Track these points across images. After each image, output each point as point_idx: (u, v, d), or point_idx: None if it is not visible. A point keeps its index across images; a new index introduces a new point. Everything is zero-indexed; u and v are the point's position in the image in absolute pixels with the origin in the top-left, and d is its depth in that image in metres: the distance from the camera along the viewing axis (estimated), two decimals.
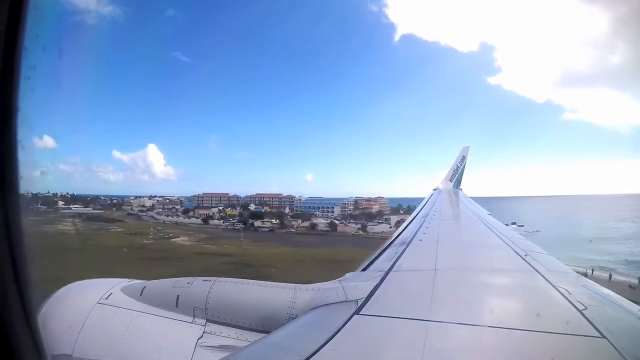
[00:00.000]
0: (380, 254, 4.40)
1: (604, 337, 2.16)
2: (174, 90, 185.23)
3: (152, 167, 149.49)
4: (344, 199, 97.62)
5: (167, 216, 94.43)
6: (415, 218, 7.40)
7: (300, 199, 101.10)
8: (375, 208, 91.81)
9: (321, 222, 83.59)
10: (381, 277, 3.33)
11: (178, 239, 67.89)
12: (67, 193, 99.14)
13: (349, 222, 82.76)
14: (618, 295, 3.00)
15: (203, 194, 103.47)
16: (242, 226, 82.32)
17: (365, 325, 2.48)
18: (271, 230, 80.00)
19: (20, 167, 1.36)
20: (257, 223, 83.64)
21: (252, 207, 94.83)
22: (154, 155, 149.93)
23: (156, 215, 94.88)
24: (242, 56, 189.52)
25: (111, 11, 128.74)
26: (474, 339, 2.31)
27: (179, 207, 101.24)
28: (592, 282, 3.35)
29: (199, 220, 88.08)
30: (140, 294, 3.26)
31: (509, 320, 2.61)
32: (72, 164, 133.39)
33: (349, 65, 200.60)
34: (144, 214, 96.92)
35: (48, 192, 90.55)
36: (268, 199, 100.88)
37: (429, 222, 6.71)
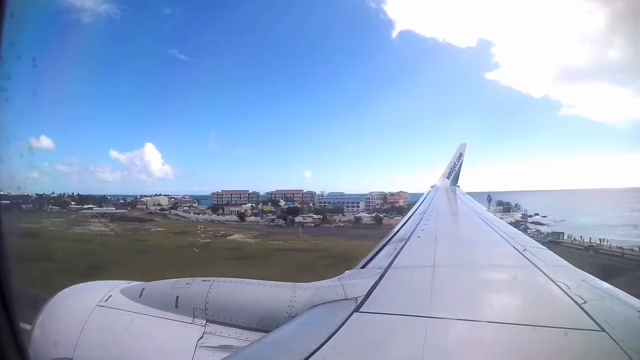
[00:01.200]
0: (378, 251, 4.37)
1: (603, 330, 2.16)
2: (171, 89, 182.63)
3: (150, 166, 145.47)
4: (364, 194, 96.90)
5: (197, 214, 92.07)
6: (413, 215, 7.36)
7: (323, 194, 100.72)
8: (401, 202, 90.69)
9: (365, 216, 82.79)
10: (380, 274, 3.31)
11: (233, 236, 66.13)
12: (73, 193, 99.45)
13: (393, 216, 79.69)
14: (617, 289, 3.00)
15: (222, 191, 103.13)
16: (283, 222, 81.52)
17: (365, 322, 2.48)
18: (317, 224, 78.60)
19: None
20: (298, 218, 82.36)
21: (282, 203, 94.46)
22: (151, 154, 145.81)
23: (182, 214, 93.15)
24: (239, 53, 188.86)
25: (107, 9, 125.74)
26: (473, 334, 2.30)
27: (196, 204, 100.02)
28: (591, 276, 3.32)
29: (234, 217, 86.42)
30: (140, 296, 3.24)
31: (509, 315, 2.63)
32: (69, 164, 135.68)
33: (347, 62, 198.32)
34: (166, 212, 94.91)
35: (53, 193, 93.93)
36: (289, 195, 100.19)
37: (427, 219, 6.70)
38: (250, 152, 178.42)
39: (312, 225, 78.78)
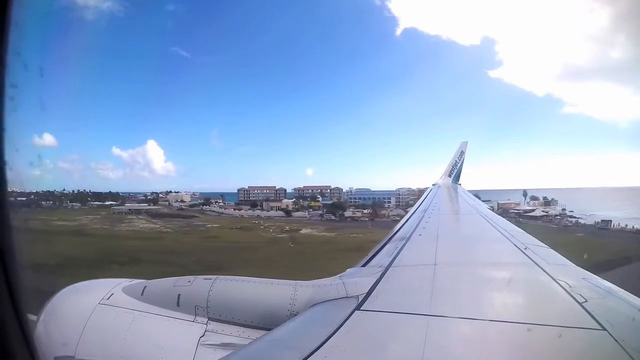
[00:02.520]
0: (380, 250, 4.36)
1: (604, 329, 2.16)
2: (174, 86, 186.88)
3: (152, 164, 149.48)
4: (392, 191, 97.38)
5: (236, 210, 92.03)
6: (415, 213, 7.35)
7: (351, 190, 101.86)
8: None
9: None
10: (381, 272, 3.32)
11: (304, 231, 65.30)
12: (84, 190, 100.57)
13: None
14: (618, 288, 2.99)
15: (248, 187, 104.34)
16: (333, 216, 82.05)
17: (366, 320, 2.48)
18: (371, 219, 77.69)
19: (12, 171, 1.39)
20: (348, 213, 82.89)
21: (319, 198, 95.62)
22: (153, 151, 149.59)
23: (218, 209, 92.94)
24: (242, 50, 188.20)
25: (110, 7, 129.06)
26: (474, 332, 2.30)
27: (220, 201, 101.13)
28: (592, 274, 3.31)
29: (279, 213, 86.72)
30: (142, 294, 3.27)
31: (510, 313, 2.63)
32: (71, 161, 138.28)
33: (351, 59, 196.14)
34: (197, 208, 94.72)
35: (64, 190, 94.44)
36: (318, 191, 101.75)
37: (428, 217, 6.69)
38: (252, 150, 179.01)
39: (366, 219, 78.69)
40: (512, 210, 77.78)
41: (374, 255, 4.13)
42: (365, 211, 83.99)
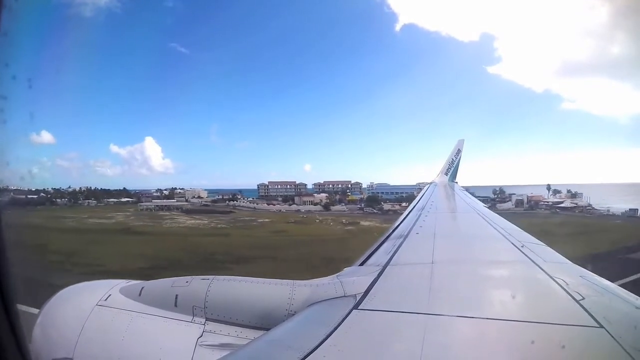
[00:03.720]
0: (377, 248, 4.37)
1: (601, 326, 2.17)
2: (172, 82, 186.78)
3: (150, 161, 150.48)
4: (412, 185, 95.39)
5: (269, 204, 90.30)
6: (412, 211, 7.37)
7: (372, 185, 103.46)
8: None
9: None
10: (379, 271, 3.32)
11: (363, 223, 63.05)
12: (90, 187, 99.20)
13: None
14: (616, 285, 3.03)
15: (268, 182, 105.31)
16: (373, 209, 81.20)
17: (364, 319, 2.48)
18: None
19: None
20: (387, 206, 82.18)
21: (349, 192, 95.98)
22: (151, 148, 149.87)
23: (249, 204, 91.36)
24: (240, 46, 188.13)
25: (108, 3, 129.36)
26: (472, 331, 2.31)
27: (240, 197, 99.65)
28: (589, 272, 3.33)
29: (318, 207, 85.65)
30: (139, 295, 3.25)
31: (507, 311, 2.63)
32: (69, 159, 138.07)
33: (350, 55, 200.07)
34: (222, 204, 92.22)
35: (69, 187, 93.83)
36: (339, 186, 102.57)
37: (425, 215, 6.70)
38: (251, 146, 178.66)
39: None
40: (542, 203, 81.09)
41: (371, 254, 4.12)
42: (403, 204, 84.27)
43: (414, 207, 8.04)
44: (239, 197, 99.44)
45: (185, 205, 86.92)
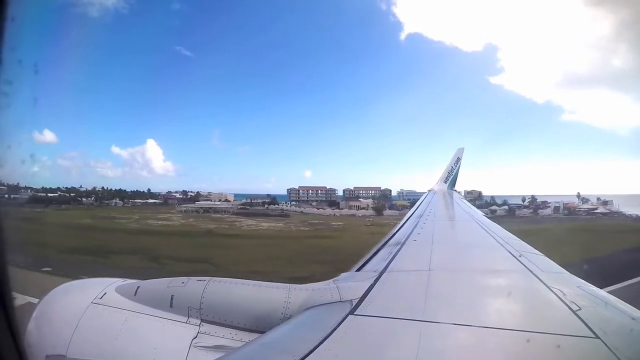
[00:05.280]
0: (374, 254, 4.38)
1: (597, 337, 2.16)
2: (175, 85, 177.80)
3: (151, 163, 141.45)
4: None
5: (320, 209, 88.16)
6: (410, 218, 7.39)
7: (402, 192, 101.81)
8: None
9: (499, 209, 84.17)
10: (375, 277, 3.33)
11: None
12: (104, 187, 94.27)
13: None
14: (612, 296, 3.02)
15: (299, 187, 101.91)
16: None
17: (359, 325, 2.48)
18: None
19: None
20: None
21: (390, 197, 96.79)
22: (153, 150, 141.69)
23: (297, 208, 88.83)
24: (245, 51, 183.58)
25: (115, 3, 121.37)
26: (467, 339, 2.32)
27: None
28: (586, 283, 3.32)
29: (370, 212, 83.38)
30: (135, 294, 3.25)
31: (503, 320, 2.61)
32: (70, 158, 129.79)
33: (354, 62, 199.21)
34: (260, 207, 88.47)
35: (81, 187, 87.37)
36: (369, 192, 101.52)
37: (423, 222, 6.72)
38: (252, 150, 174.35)
39: None
40: (578, 209, 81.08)
41: (368, 260, 4.13)
42: None
43: (412, 214, 8.02)
44: (277, 202, 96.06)
45: (231, 208, 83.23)
